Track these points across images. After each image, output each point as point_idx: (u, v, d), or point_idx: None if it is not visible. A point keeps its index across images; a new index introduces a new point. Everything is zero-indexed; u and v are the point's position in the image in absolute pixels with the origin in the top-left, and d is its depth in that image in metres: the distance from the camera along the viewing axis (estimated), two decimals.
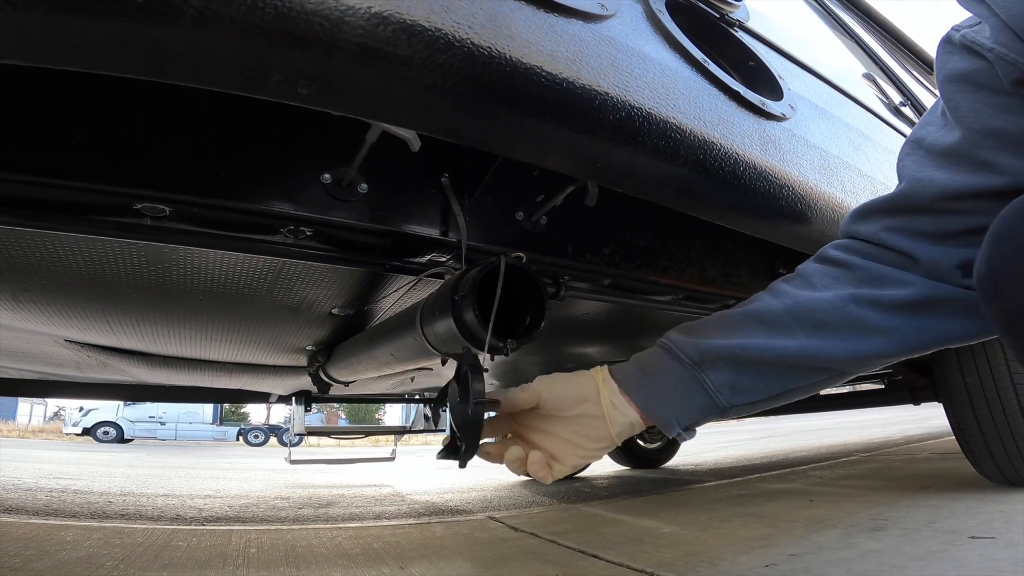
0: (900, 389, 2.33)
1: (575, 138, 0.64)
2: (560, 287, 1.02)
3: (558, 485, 2.95)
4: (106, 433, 14.40)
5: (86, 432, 14.36)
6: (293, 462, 2.99)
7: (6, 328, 1.37)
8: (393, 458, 3.29)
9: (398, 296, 1.12)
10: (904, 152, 0.64)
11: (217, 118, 0.73)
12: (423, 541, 1.62)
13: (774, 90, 0.97)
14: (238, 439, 16.99)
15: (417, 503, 2.55)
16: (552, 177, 0.89)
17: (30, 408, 22.45)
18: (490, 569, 1.27)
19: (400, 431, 3.31)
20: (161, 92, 0.67)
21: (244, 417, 21.63)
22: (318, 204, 0.78)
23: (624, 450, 3.57)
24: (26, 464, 4.54)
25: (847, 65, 1.67)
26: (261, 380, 2.13)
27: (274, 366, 1.92)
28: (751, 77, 0.98)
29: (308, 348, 1.60)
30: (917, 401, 2.21)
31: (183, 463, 5.92)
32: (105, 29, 0.41)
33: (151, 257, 0.91)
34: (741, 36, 1.02)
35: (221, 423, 17.80)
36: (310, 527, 1.93)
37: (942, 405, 1.81)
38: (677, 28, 0.82)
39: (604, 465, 3.76)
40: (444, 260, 0.94)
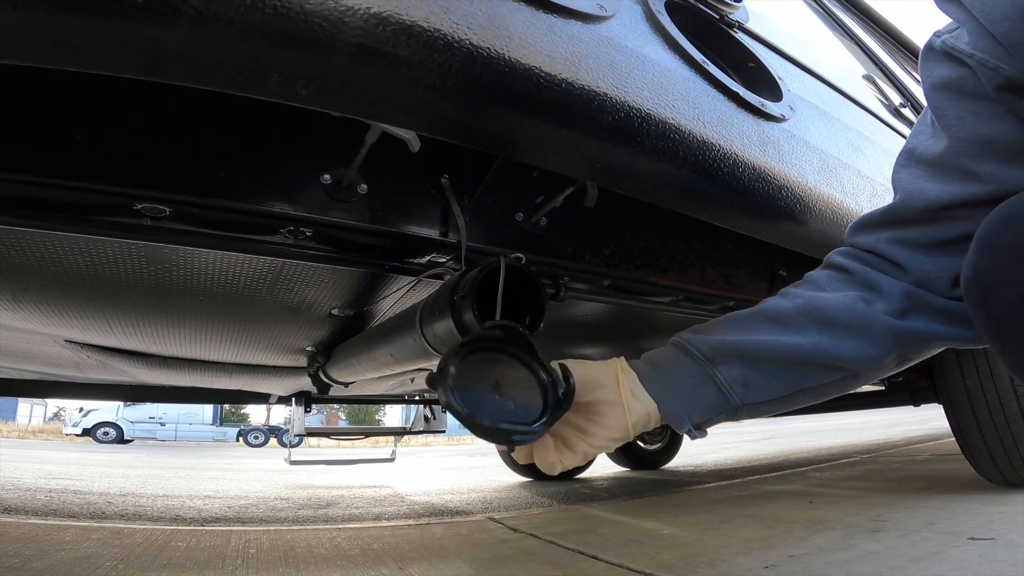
0: (900, 391, 2.32)
1: (574, 139, 0.64)
2: (560, 288, 1.02)
3: (558, 486, 2.94)
4: (106, 434, 14.41)
5: (86, 433, 14.37)
6: (293, 463, 2.99)
7: (6, 328, 1.37)
8: (393, 459, 3.29)
9: (398, 297, 1.12)
10: (898, 164, 0.65)
11: (217, 118, 0.73)
12: (422, 542, 1.62)
13: (773, 91, 0.97)
14: (238, 440, 17.00)
15: (417, 504, 2.55)
16: (552, 178, 0.89)
17: (30, 409, 22.46)
18: (489, 570, 1.26)
19: (400, 432, 3.31)
20: (160, 92, 0.67)
21: (244, 418, 21.64)
22: (318, 205, 0.78)
23: (624, 451, 3.57)
24: (25, 464, 4.53)
25: (847, 66, 1.68)
26: (261, 381, 2.13)
27: (274, 367, 1.92)
28: (750, 78, 0.98)
29: (308, 349, 1.60)
30: (917, 403, 2.22)
31: (183, 464, 5.92)
32: (105, 29, 0.41)
33: (151, 257, 0.91)
34: (741, 37, 1.02)
35: (221, 424, 17.80)
36: (309, 528, 1.93)
37: (942, 407, 1.81)
38: (676, 29, 0.82)
39: (604, 466, 3.76)
40: (444, 261, 0.94)
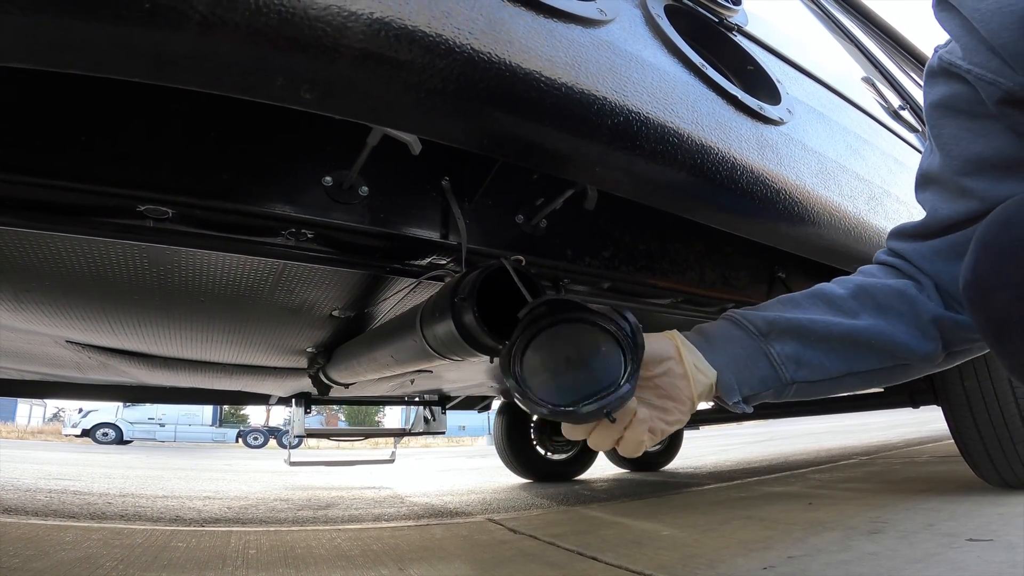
0: (899, 392, 2.32)
1: (573, 142, 0.65)
2: (559, 290, 1.02)
3: (557, 488, 2.95)
4: (105, 434, 14.38)
5: (85, 433, 14.34)
6: (292, 464, 2.99)
7: (8, 329, 1.38)
8: (392, 460, 3.30)
9: (398, 298, 1.12)
10: (916, 184, 0.68)
11: (220, 121, 0.73)
12: (422, 543, 1.62)
13: (772, 94, 0.98)
14: (237, 441, 16.98)
15: (416, 505, 2.55)
16: (552, 180, 0.89)
17: (29, 409, 22.44)
18: (489, 571, 1.27)
19: (400, 433, 3.31)
20: (164, 95, 0.68)
21: (244, 419, 21.62)
22: (319, 207, 0.79)
23: None
24: (25, 465, 4.53)
25: (846, 69, 1.68)
26: (261, 382, 2.13)
27: (274, 368, 1.92)
28: (749, 81, 0.98)
29: (308, 350, 1.60)
30: (916, 405, 2.21)
31: (182, 464, 5.92)
32: (111, 33, 0.41)
33: (153, 259, 0.92)
34: (740, 40, 1.02)
35: (220, 425, 17.78)
36: (309, 528, 1.93)
37: (941, 409, 1.81)
38: (676, 33, 0.83)
39: (603, 468, 3.76)
40: (444, 263, 0.94)
